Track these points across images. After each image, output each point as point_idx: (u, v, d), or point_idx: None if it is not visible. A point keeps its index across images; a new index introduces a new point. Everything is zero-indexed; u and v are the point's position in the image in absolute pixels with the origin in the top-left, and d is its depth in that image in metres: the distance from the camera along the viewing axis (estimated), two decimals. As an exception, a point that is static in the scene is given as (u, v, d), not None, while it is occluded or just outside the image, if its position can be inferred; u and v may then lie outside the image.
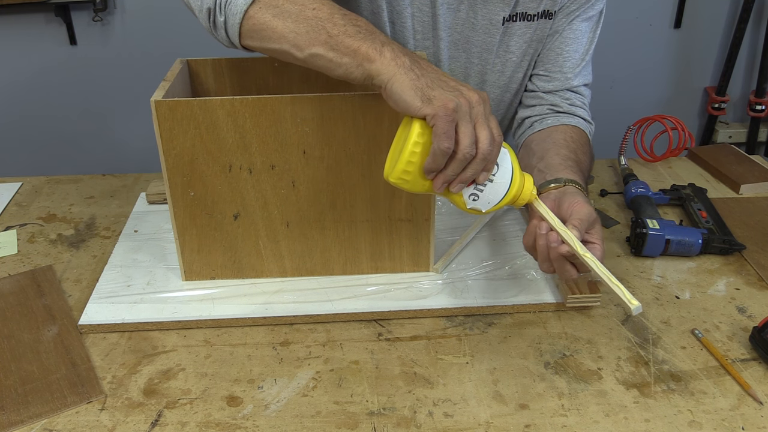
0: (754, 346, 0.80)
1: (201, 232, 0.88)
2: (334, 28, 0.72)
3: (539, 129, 1.03)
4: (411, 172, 0.70)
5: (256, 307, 0.87)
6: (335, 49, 0.72)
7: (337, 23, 0.73)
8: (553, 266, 0.77)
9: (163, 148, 0.81)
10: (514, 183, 0.75)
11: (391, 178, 0.71)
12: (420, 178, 0.71)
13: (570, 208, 0.79)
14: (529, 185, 0.77)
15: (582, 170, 0.92)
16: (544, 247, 0.76)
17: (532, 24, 1.02)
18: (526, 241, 0.80)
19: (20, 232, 1.07)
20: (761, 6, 2.28)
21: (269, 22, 0.76)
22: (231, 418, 0.72)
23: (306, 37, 0.74)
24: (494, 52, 1.05)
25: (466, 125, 0.68)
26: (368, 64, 0.71)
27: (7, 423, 0.71)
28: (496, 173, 0.73)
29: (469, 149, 0.68)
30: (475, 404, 0.73)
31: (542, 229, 0.77)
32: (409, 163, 0.69)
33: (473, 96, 0.69)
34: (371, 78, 0.71)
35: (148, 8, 2.12)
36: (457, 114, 0.67)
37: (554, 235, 0.75)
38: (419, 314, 0.86)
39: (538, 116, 1.06)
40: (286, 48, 0.75)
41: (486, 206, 0.75)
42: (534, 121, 1.06)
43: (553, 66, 1.05)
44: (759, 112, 2.32)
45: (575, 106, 1.05)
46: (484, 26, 1.02)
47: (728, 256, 0.98)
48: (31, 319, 0.86)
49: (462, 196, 0.73)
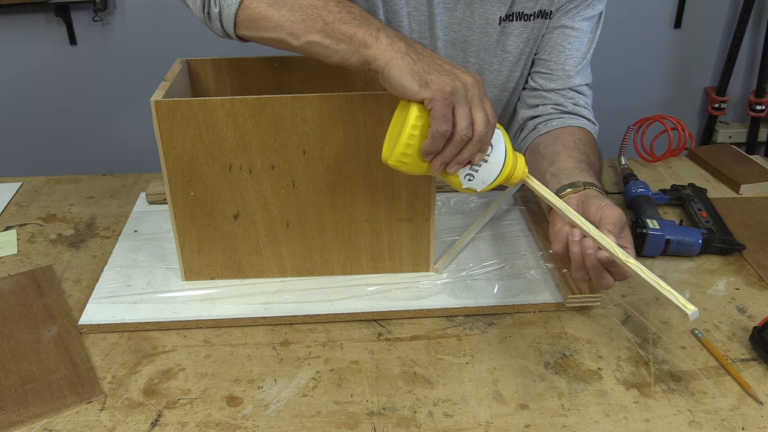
0: (754, 346, 0.80)
1: (201, 232, 0.88)
2: (329, 15, 0.74)
3: (545, 131, 1.03)
4: (410, 155, 0.72)
5: (256, 307, 0.87)
6: (331, 36, 0.73)
7: (332, 10, 0.74)
8: (588, 274, 0.75)
9: (163, 148, 0.81)
10: (507, 162, 0.76)
11: (390, 160, 0.73)
12: (418, 160, 0.72)
13: (599, 212, 0.77)
14: (521, 164, 0.77)
15: (596, 172, 0.91)
16: (579, 255, 0.74)
17: (528, 23, 1.02)
18: (556, 248, 0.78)
19: (20, 232, 1.07)
20: (761, 6, 2.28)
21: (265, 12, 0.77)
22: (231, 418, 0.72)
23: (302, 25, 0.75)
24: (491, 51, 1.05)
25: (462, 108, 0.70)
26: (365, 50, 0.72)
27: (7, 423, 0.71)
28: (490, 154, 0.75)
29: (466, 131, 0.70)
30: (475, 404, 0.73)
31: (575, 236, 0.75)
32: (407, 145, 0.71)
33: (468, 79, 0.71)
34: (368, 63, 0.72)
35: (148, 8, 2.12)
36: (454, 97, 0.69)
37: (589, 241, 0.73)
38: (419, 314, 0.86)
39: (543, 117, 1.05)
40: (282, 36, 0.77)
41: (481, 186, 0.76)
42: (538, 122, 1.05)
43: (554, 64, 1.05)
44: (759, 112, 2.32)
45: (579, 106, 1.04)
46: (481, 26, 1.02)
47: (728, 256, 0.98)
48: (31, 319, 0.86)
49: (458, 176, 0.75)
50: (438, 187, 1.03)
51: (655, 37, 2.32)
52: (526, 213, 1.05)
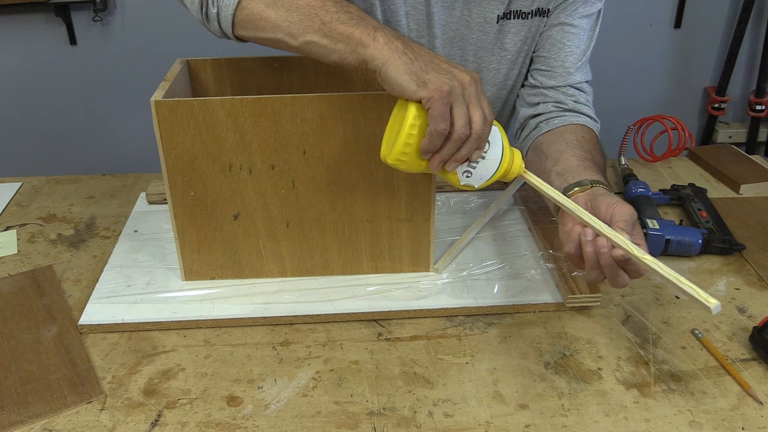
0: (754, 346, 0.80)
1: (201, 232, 0.88)
2: (326, 15, 0.74)
3: (547, 130, 1.02)
4: (408, 153, 0.72)
5: (256, 307, 0.87)
6: (329, 35, 0.74)
7: (330, 10, 0.74)
8: (603, 273, 0.74)
9: (163, 148, 0.82)
10: (504, 159, 0.77)
11: (389, 159, 0.73)
12: (417, 158, 0.73)
13: (609, 209, 0.76)
14: (518, 159, 0.78)
15: (600, 170, 0.90)
16: (593, 254, 0.73)
17: (526, 22, 1.03)
18: (568, 249, 0.77)
19: (20, 232, 1.07)
20: (761, 6, 2.28)
21: (263, 12, 0.77)
22: (231, 418, 0.72)
23: (300, 26, 0.75)
24: (489, 50, 1.05)
25: (459, 107, 0.70)
26: (362, 50, 0.72)
27: (7, 423, 0.71)
28: (487, 150, 0.75)
29: (464, 129, 0.70)
30: (475, 404, 0.73)
31: (588, 235, 0.74)
32: (406, 144, 0.71)
33: (465, 77, 0.71)
34: (365, 63, 0.73)
35: (148, 8, 2.11)
36: (452, 96, 0.69)
37: (603, 240, 0.72)
38: (419, 314, 0.86)
39: (544, 115, 1.05)
40: (280, 37, 0.77)
41: (479, 182, 0.77)
42: (540, 121, 1.05)
43: (554, 61, 1.04)
44: (759, 112, 2.31)
45: (580, 104, 1.04)
46: (479, 24, 1.02)
47: (728, 256, 0.98)
48: (31, 319, 0.86)
49: (456, 173, 0.75)
50: (438, 187, 1.03)
51: (655, 37, 2.32)
52: (526, 213, 1.05)
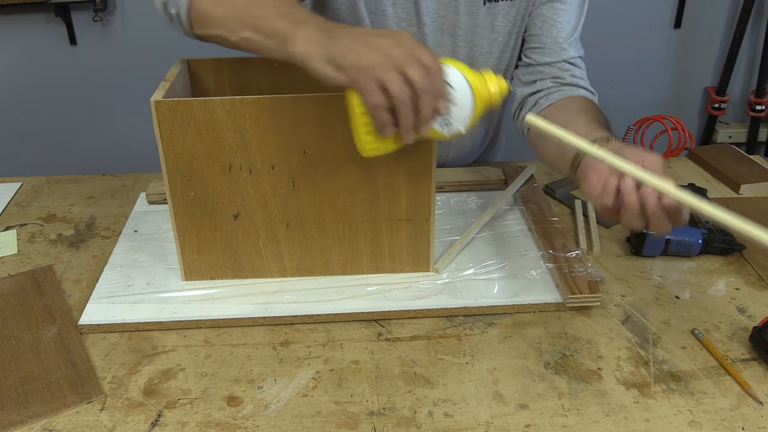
0: (754, 346, 0.80)
1: (201, 232, 0.88)
2: (260, 10, 0.75)
3: (547, 105, 1.01)
4: (374, 139, 0.71)
5: (256, 307, 0.87)
6: (261, 31, 0.74)
7: (264, 6, 0.75)
8: (643, 222, 0.71)
9: (163, 148, 0.81)
10: (476, 91, 0.72)
11: (363, 153, 0.73)
12: (386, 139, 0.71)
13: (640, 159, 0.72)
14: (491, 78, 0.73)
15: (611, 131, 0.87)
16: (637, 204, 0.70)
17: (514, 3, 1.03)
18: (605, 202, 0.72)
19: (20, 232, 1.07)
20: (761, 6, 2.28)
21: (208, 10, 0.79)
22: (231, 418, 0.72)
23: (237, 22, 0.76)
24: (480, 33, 1.05)
25: (387, 73, 0.67)
26: (287, 46, 0.72)
27: (7, 423, 0.71)
28: (453, 94, 0.71)
29: (402, 91, 0.67)
30: (475, 404, 0.73)
31: (628, 185, 0.70)
32: (366, 133, 0.71)
33: (387, 41, 0.69)
34: (293, 59, 0.72)
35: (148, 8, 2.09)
36: (373, 69, 0.67)
37: (648, 189, 0.69)
38: (419, 314, 0.86)
39: (543, 92, 1.04)
40: (221, 33, 0.79)
41: (464, 124, 0.73)
42: (539, 97, 1.04)
43: (546, 37, 1.04)
44: (759, 112, 2.32)
45: (577, 78, 1.04)
46: (467, 8, 1.02)
47: (728, 256, 0.98)
48: (31, 319, 0.86)
49: (435, 131, 0.73)
50: (438, 187, 1.03)
51: (655, 37, 2.32)
52: (526, 213, 1.05)
